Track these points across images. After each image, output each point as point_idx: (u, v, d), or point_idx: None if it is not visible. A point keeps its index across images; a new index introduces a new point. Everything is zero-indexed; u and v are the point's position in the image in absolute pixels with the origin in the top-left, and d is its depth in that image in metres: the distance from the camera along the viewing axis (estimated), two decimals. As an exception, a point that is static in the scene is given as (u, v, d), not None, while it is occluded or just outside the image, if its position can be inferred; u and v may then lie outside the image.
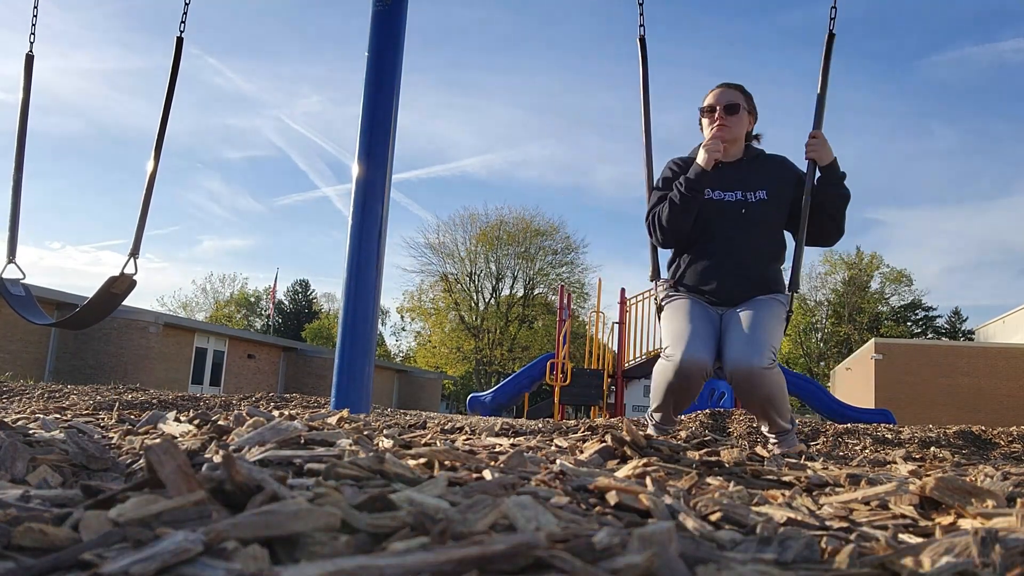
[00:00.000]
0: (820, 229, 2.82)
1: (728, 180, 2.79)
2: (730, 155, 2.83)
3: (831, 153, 2.77)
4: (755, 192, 2.79)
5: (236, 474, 0.75)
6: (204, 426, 1.51)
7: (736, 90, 2.84)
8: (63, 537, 0.64)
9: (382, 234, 3.56)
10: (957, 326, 43.41)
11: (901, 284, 41.72)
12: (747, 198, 2.78)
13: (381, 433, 1.52)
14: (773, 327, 2.63)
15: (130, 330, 17.02)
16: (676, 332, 2.65)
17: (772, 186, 2.80)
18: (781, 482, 1.28)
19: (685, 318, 2.68)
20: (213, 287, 49.28)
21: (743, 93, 2.85)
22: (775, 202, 2.80)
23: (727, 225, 2.77)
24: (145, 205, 4.15)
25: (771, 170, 2.85)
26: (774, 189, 2.80)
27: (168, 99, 4.19)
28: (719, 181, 2.79)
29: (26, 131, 4.50)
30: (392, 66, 3.68)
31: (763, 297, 2.74)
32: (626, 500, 0.91)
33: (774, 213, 2.81)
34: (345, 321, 3.46)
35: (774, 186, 2.80)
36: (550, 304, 35.65)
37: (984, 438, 4.39)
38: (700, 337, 2.59)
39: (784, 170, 2.86)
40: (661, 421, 2.80)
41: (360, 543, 0.64)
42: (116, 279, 4.04)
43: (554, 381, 11.85)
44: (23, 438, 1.27)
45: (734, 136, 2.80)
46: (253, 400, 5.27)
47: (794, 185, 2.84)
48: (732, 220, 2.77)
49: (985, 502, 0.98)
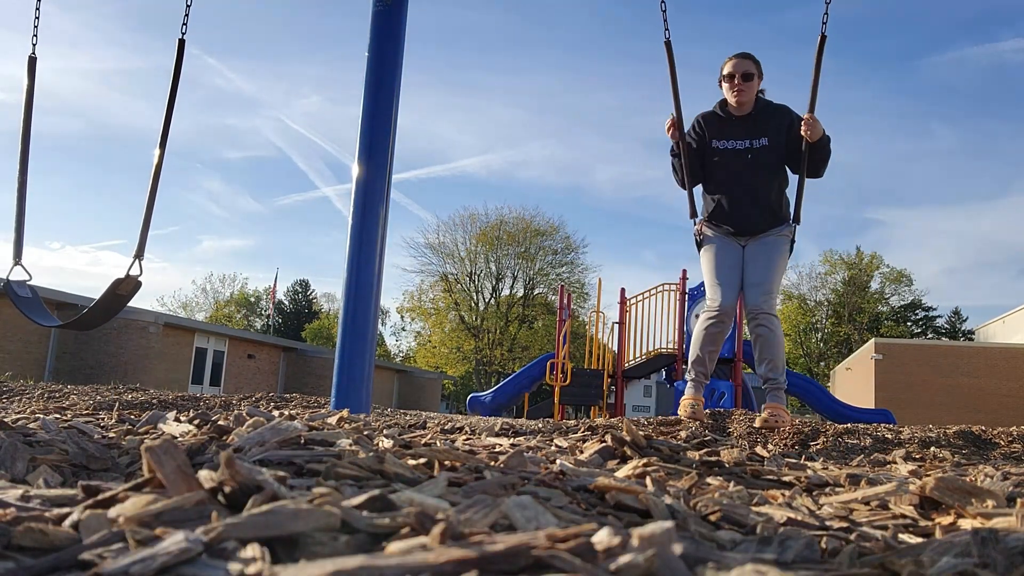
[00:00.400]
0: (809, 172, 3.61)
1: (738, 131, 3.57)
2: (744, 110, 3.57)
3: (821, 130, 3.48)
4: (758, 139, 3.54)
5: (236, 474, 0.75)
6: (204, 426, 1.51)
7: (749, 60, 3.58)
8: (63, 537, 0.64)
9: (382, 234, 3.56)
10: (957, 326, 43.40)
11: (901, 284, 41.72)
12: (752, 144, 3.55)
13: (381, 433, 1.52)
14: (779, 272, 3.55)
15: (130, 330, 17.01)
16: (712, 279, 3.55)
17: (772, 133, 3.54)
18: (781, 482, 1.27)
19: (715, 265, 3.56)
20: (213, 287, 49.30)
21: (754, 62, 3.59)
22: (774, 146, 3.54)
23: (739, 167, 3.56)
24: (149, 208, 4.15)
25: (772, 119, 3.57)
26: (773, 135, 3.54)
27: (171, 102, 4.19)
28: (732, 132, 3.57)
29: (30, 133, 4.49)
30: (392, 66, 3.68)
31: (772, 237, 3.55)
32: (626, 500, 0.91)
33: (774, 155, 3.56)
34: (345, 321, 3.46)
35: (773, 133, 3.54)
36: (550, 304, 35.64)
37: (984, 438, 4.38)
38: (729, 285, 3.51)
39: (782, 117, 3.57)
40: (698, 372, 3.60)
41: (360, 543, 0.64)
42: (121, 281, 4.04)
43: (554, 381, 11.85)
44: (23, 438, 1.27)
45: (749, 98, 3.54)
46: (253, 400, 5.27)
47: (789, 127, 3.54)
48: (742, 163, 3.55)
49: (985, 502, 0.98)
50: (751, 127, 3.56)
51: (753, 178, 3.54)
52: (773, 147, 3.54)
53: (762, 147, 3.53)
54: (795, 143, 3.52)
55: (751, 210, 3.55)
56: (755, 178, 3.54)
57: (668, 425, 3.68)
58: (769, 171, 3.56)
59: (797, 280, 41.17)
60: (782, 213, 3.59)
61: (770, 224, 3.55)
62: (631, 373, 12.95)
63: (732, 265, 3.54)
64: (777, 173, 3.60)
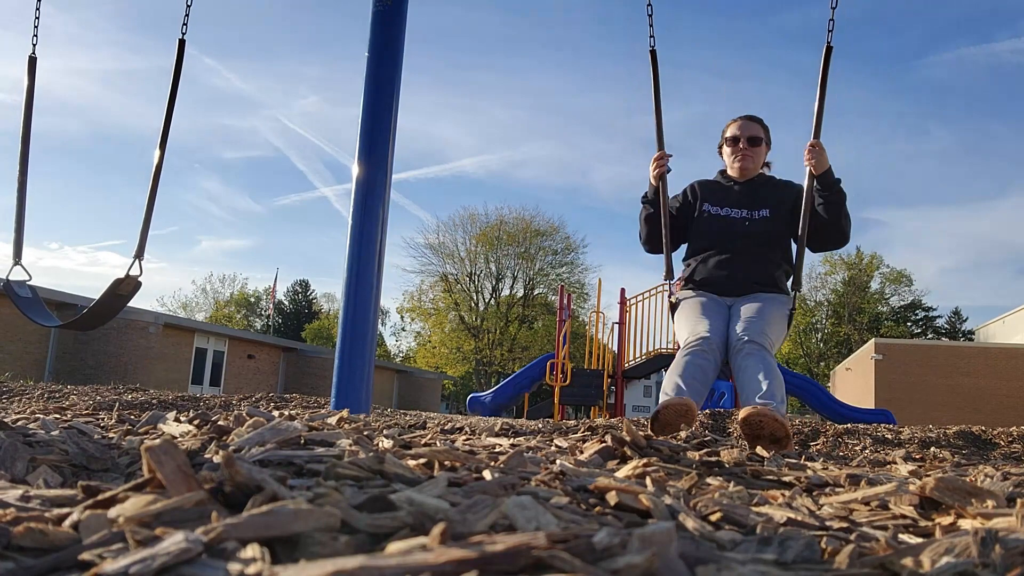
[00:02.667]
0: (822, 235, 3.05)
1: (737, 199, 3.12)
2: (746, 176, 3.16)
3: (826, 162, 2.97)
4: (759, 211, 3.09)
5: (236, 474, 0.75)
6: (204, 426, 1.51)
7: (757, 124, 3.17)
8: (63, 537, 0.64)
9: (382, 234, 3.56)
10: (957, 326, 43.41)
11: (901, 284, 41.74)
12: (752, 215, 3.09)
13: (381, 433, 1.52)
14: (775, 320, 2.88)
15: (130, 330, 17.01)
16: (691, 326, 2.87)
17: (775, 205, 3.09)
18: (781, 482, 1.27)
19: (698, 312, 2.93)
20: (213, 287, 49.30)
21: (763, 126, 3.19)
22: (777, 218, 3.08)
23: (734, 237, 3.08)
24: (149, 208, 4.16)
25: (776, 192, 3.14)
26: (777, 207, 3.09)
27: (171, 102, 4.19)
28: (729, 200, 3.13)
29: (30, 134, 4.50)
30: (392, 66, 3.68)
31: (767, 294, 3.00)
32: (626, 500, 0.91)
33: (776, 227, 3.09)
34: (345, 321, 3.46)
35: (777, 205, 3.09)
36: (550, 304, 35.64)
37: (984, 438, 4.38)
38: (713, 327, 2.81)
39: (788, 190, 3.14)
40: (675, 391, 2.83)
41: (360, 543, 0.64)
42: (121, 281, 4.05)
43: (554, 381, 11.85)
44: (23, 438, 1.27)
45: (755, 165, 3.15)
46: (253, 400, 5.27)
47: (795, 200, 3.09)
48: (738, 233, 3.08)
49: (985, 502, 0.98)
50: (752, 197, 3.11)
51: (750, 247, 3.05)
52: (774, 220, 3.07)
53: (762, 219, 3.07)
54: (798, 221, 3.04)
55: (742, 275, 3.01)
56: (752, 248, 3.05)
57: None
58: (769, 243, 3.07)
59: (797, 280, 41.13)
60: (780, 284, 3.07)
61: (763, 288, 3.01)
62: (631, 373, 12.96)
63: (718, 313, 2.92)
64: (777, 245, 3.10)
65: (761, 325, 2.77)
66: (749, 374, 2.60)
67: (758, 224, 3.06)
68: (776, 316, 2.89)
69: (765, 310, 2.86)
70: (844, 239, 3.05)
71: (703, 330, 2.77)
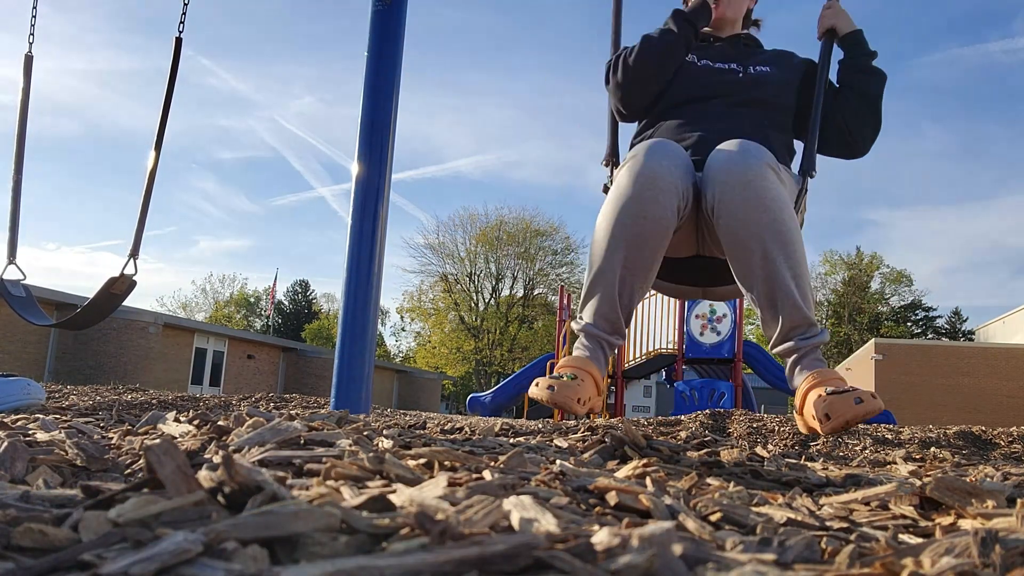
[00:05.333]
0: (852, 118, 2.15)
1: (726, 53, 2.24)
2: (730, 30, 2.32)
3: (852, 22, 2.17)
4: (756, 66, 2.20)
5: (236, 474, 0.75)
6: (204, 426, 1.51)
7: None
8: (63, 537, 0.64)
9: (382, 234, 3.56)
10: (957, 326, 43.42)
11: (901, 284, 41.75)
12: (746, 69, 2.19)
13: (381, 433, 1.52)
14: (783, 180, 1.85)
15: (130, 330, 17.00)
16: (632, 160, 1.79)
17: (777, 66, 2.23)
18: (781, 482, 1.27)
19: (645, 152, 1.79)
20: (213, 287, 49.32)
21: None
22: (781, 81, 2.20)
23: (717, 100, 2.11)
24: (144, 207, 4.15)
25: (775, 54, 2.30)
26: (780, 69, 2.22)
27: (167, 100, 4.18)
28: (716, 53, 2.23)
29: (25, 132, 4.49)
30: (392, 65, 3.68)
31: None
32: (626, 500, 0.91)
33: (780, 93, 2.19)
34: (345, 321, 3.46)
35: (780, 66, 2.23)
36: (550, 304, 35.64)
37: (984, 438, 4.38)
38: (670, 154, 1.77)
39: (791, 56, 2.31)
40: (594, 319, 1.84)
41: (360, 543, 0.64)
42: (116, 280, 4.04)
43: (554, 381, 11.83)
44: (23, 438, 1.27)
45: (735, 15, 2.30)
46: (253, 400, 5.27)
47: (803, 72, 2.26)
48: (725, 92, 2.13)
49: (985, 502, 0.98)
50: (743, 53, 2.25)
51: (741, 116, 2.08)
52: (778, 81, 2.18)
53: (761, 74, 2.17)
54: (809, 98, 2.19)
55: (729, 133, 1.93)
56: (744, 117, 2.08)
57: (668, 425, 3.68)
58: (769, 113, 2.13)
59: (797, 280, 41.12)
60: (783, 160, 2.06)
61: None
62: (631, 373, 12.96)
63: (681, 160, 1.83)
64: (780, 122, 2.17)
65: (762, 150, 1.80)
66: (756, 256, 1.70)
67: (756, 82, 2.16)
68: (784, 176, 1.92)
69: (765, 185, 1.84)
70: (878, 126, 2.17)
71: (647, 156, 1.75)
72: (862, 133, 2.16)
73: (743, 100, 2.11)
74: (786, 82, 2.20)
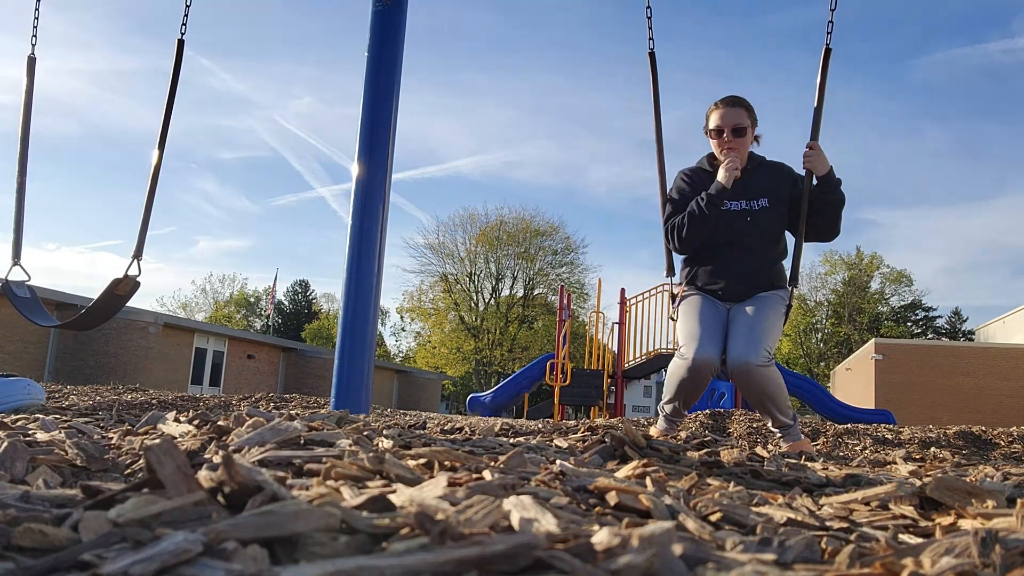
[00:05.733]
0: (817, 229, 3.09)
1: (733, 191, 3.03)
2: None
3: (827, 163, 2.97)
4: (757, 200, 3.04)
5: (236, 474, 0.75)
6: (204, 426, 1.51)
7: (740, 107, 3.04)
8: (63, 537, 0.64)
9: (382, 234, 3.56)
10: (957, 326, 43.42)
11: (901, 284, 41.74)
12: (751, 206, 3.03)
13: (381, 433, 1.52)
14: (771, 326, 2.92)
15: (130, 330, 17.01)
16: (689, 332, 2.94)
17: (772, 193, 3.05)
18: (781, 482, 1.27)
19: (697, 319, 2.97)
20: (213, 287, 49.29)
21: (746, 109, 3.06)
22: (775, 208, 3.05)
23: (733, 232, 3.04)
24: (148, 208, 4.15)
25: (771, 177, 3.09)
26: (774, 196, 3.05)
27: (170, 102, 4.19)
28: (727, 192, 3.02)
29: (29, 133, 4.50)
30: (392, 65, 3.68)
31: (765, 294, 3.03)
32: (626, 500, 0.91)
33: (775, 218, 3.06)
34: (345, 321, 3.46)
35: (774, 193, 3.06)
36: (550, 304, 35.64)
37: (984, 438, 4.38)
38: (710, 337, 2.89)
39: (783, 176, 3.11)
40: (672, 413, 3.08)
41: (360, 543, 0.64)
42: (120, 281, 4.04)
43: (554, 381, 11.85)
44: (23, 438, 1.27)
45: (742, 157, 3.06)
46: (253, 400, 5.27)
47: (791, 187, 3.09)
48: (738, 227, 3.03)
49: (985, 502, 0.98)
50: (748, 187, 3.04)
51: (749, 244, 3.04)
52: (774, 210, 3.04)
53: (762, 209, 3.02)
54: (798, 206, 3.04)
55: (741, 280, 3.02)
56: (752, 244, 3.04)
57: (668, 425, 3.66)
58: (769, 236, 3.07)
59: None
60: (778, 281, 3.09)
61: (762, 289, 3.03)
62: (631, 373, 12.96)
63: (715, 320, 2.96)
64: (778, 239, 3.12)
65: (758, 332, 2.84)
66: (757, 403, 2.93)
67: (758, 216, 3.02)
68: (773, 319, 2.94)
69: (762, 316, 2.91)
70: (836, 233, 3.10)
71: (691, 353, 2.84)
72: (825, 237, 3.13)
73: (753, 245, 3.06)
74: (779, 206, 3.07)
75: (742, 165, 3.06)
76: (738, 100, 3.07)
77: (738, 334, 2.86)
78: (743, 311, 2.94)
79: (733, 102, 3.05)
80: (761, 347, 2.79)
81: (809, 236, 3.10)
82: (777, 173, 3.11)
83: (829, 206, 3.00)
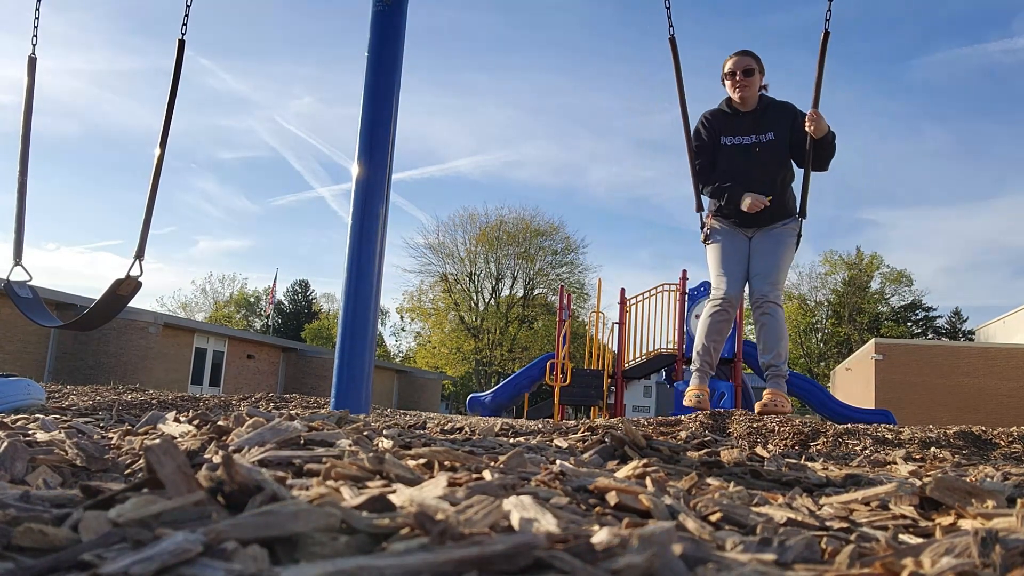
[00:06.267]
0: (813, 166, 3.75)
1: (745, 126, 3.73)
2: (748, 106, 3.73)
3: (825, 127, 3.60)
4: (764, 134, 3.71)
5: (236, 474, 0.75)
6: (204, 426, 1.51)
7: (749, 56, 3.74)
8: (63, 537, 0.64)
9: (382, 233, 3.56)
10: (957, 326, 43.39)
11: (901, 284, 41.72)
12: (759, 140, 3.71)
13: (381, 433, 1.52)
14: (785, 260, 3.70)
15: (130, 330, 17.01)
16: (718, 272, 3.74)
17: (778, 128, 3.71)
18: (781, 482, 1.27)
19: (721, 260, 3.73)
20: (213, 287, 49.28)
21: (754, 58, 3.75)
22: (780, 140, 3.70)
23: (746, 162, 3.72)
24: (149, 208, 4.15)
25: (777, 115, 3.74)
26: (779, 130, 3.71)
27: (171, 102, 4.18)
28: (739, 128, 3.73)
29: (30, 134, 4.49)
30: (392, 65, 3.67)
31: (778, 230, 3.73)
32: (626, 500, 0.91)
33: (780, 149, 3.72)
34: (345, 321, 3.46)
35: (779, 128, 3.71)
36: (550, 304, 35.63)
37: (984, 438, 4.37)
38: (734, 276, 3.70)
39: (787, 113, 3.75)
40: (702, 364, 3.74)
41: (360, 543, 0.64)
42: (122, 281, 4.04)
43: (554, 381, 11.84)
44: (23, 438, 1.27)
45: (751, 93, 3.71)
46: (253, 400, 5.27)
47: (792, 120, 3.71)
48: (749, 158, 3.72)
49: (985, 502, 0.98)
50: (757, 123, 3.71)
51: (760, 172, 3.69)
52: (779, 142, 3.69)
53: (768, 142, 3.69)
54: (800, 138, 3.65)
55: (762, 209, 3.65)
56: (762, 172, 3.69)
57: (668, 425, 3.67)
58: (775, 165, 3.71)
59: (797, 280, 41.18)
60: (788, 206, 3.74)
61: (777, 217, 3.70)
62: (631, 373, 12.94)
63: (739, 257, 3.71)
64: (783, 167, 3.75)
65: (775, 275, 3.64)
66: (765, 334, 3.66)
67: (765, 148, 3.69)
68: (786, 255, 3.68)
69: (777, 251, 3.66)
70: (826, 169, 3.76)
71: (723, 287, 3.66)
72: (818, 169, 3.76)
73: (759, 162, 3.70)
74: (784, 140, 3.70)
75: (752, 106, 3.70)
76: (747, 51, 3.76)
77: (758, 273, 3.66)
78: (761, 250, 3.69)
79: (743, 52, 3.74)
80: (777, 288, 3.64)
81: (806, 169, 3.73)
82: (780, 110, 3.74)
83: (824, 152, 3.68)
